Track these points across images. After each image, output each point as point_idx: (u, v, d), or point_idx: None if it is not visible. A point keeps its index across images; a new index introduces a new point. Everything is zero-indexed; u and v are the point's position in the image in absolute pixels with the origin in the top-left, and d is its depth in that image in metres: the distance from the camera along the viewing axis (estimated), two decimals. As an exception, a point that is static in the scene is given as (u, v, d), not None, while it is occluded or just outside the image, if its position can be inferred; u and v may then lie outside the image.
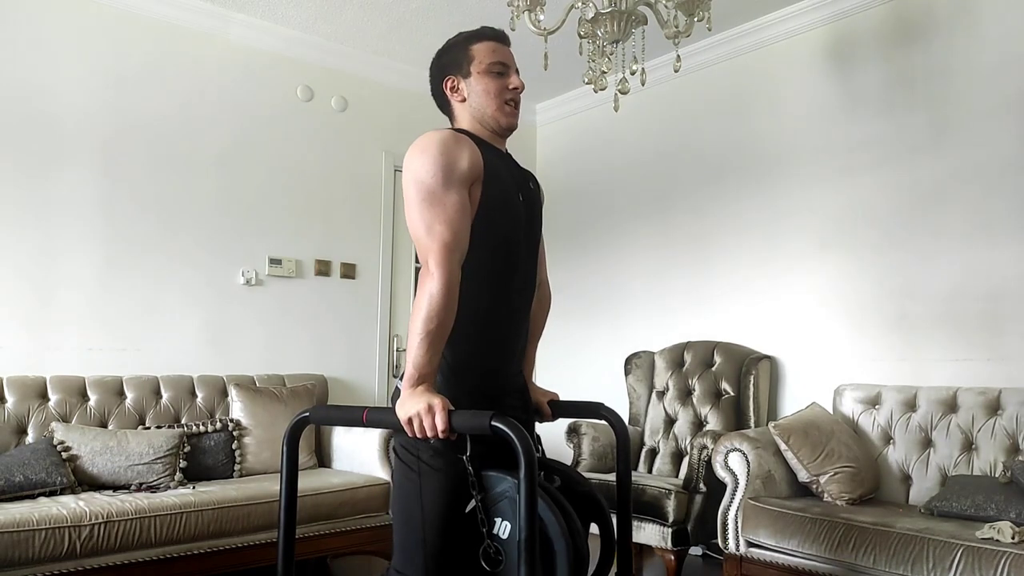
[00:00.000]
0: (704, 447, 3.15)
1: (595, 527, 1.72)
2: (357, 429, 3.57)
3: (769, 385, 3.68)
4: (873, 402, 3.20)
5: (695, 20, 2.78)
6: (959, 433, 2.92)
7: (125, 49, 3.63)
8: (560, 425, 3.65)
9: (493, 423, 1.34)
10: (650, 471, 3.79)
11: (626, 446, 1.85)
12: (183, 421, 3.45)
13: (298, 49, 4.16)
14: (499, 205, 1.66)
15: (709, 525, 3.10)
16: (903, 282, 3.31)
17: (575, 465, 3.71)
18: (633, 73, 2.95)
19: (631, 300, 4.43)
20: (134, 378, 3.45)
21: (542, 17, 2.75)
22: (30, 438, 3.07)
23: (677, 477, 3.58)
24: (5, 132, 3.30)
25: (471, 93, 1.74)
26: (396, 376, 1.38)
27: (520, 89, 1.77)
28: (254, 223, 3.99)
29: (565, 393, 2.24)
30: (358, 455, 3.52)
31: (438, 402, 1.43)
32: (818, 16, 3.67)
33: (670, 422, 3.83)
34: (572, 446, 3.79)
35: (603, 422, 1.91)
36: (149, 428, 3.30)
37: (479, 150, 1.64)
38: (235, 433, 3.44)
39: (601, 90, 2.98)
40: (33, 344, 3.32)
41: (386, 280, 4.45)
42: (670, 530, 3.10)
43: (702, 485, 3.14)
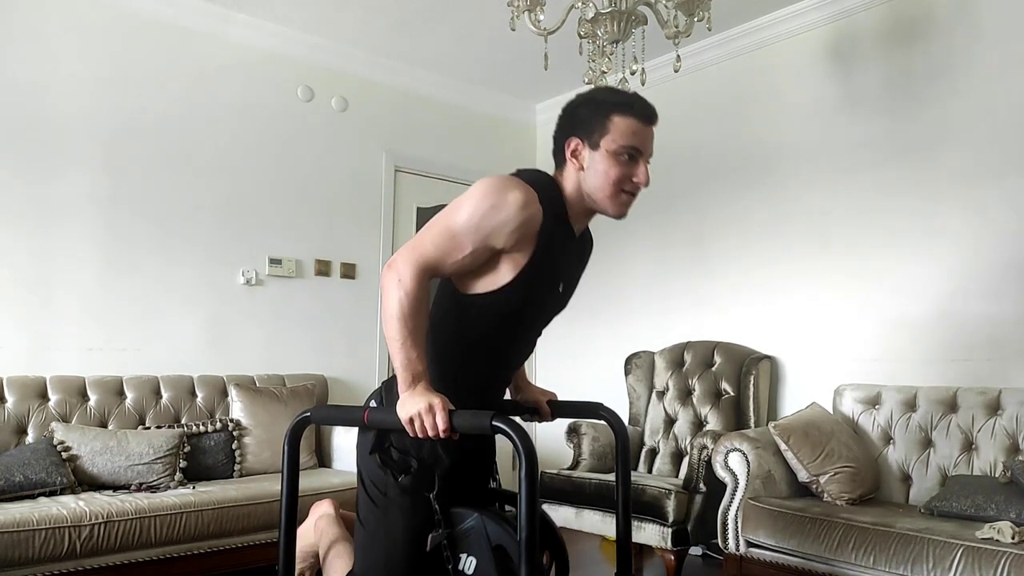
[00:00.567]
0: (704, 447, 3.15)
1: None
2: (357, 429, 3.56)
3: (769, 385, 3.68)
4: (873, 402, 3.20)
5: (695, 20, 2.78)
6: (959, 433, 2.92)
7: (125, 49, 3.63)
8: (560, 425, 3.66)
9: (494, 423, 1.35)
10: (650, 471, 3.79)
11: (626, 446, 1.85)
12: (183, 421, 3.45)
13: (298, 49, 4.16)
14: (535, 285, 1.57)
15: (709, 525, 3.10)
16: (903, 282, 3.31)
17: (575, 465, 3.71)
18: (633, 73, 2.95)
19: (631, 300, 4.43)
20: (134, 378, 3.45)
21: (542, 17, 2.75)
22: (30, 438, 3.07)
23: (677, 477, 3.58)
24: (5, 132, 3.30)
25: (591, 168, 1.57)
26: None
27: (644, 184, 1.60)
28: (254, 223, 3.99)
29: (565, 393, 2.24)
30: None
31: (438, 401, 1.43)
32: (818, 16, 3.67)
33: (670, 422, 3.83)
34: (572, 446, 3.79)
35: (603, 422, 1.91)
36: (149, 428, 3.30)
37: (543, 226, 1.51)
38: (235, 433, 3.44)
39: (601, 90, 2.97)
40: (33, 344, 3.32)
41: (386, 280, 4.44)
42: (670, 530, 3.10)
43: (702, 485, 3.14)
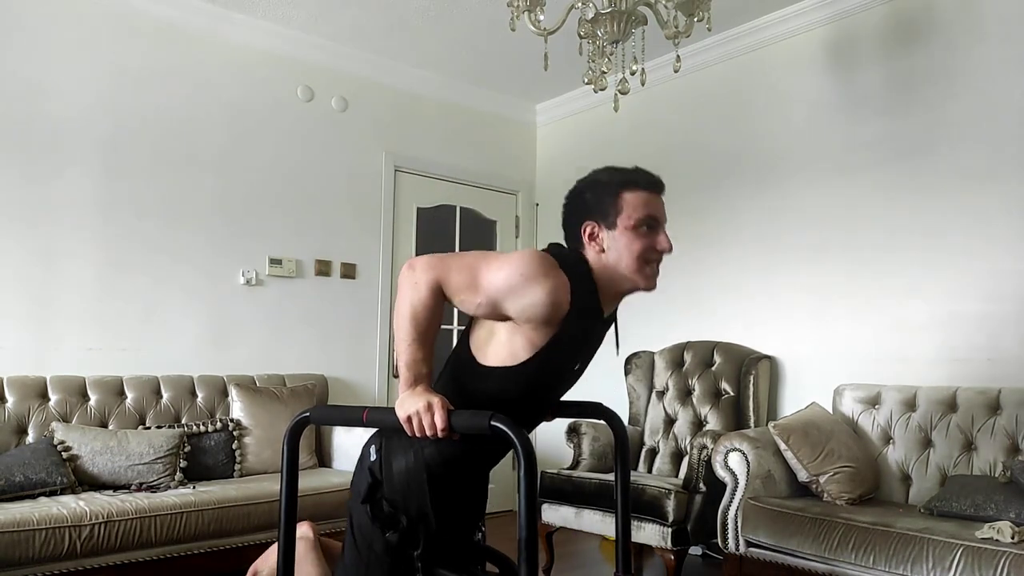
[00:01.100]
0: (704, 447, 3.15)
1: None
2: (357, 429, 3.56)
3: (769, 385, 3.68)
4: (873, 402, 3.20)
5: (695, 20, 2.78)
6: (959, 433, 2.92)
7: (125, 49, 3.63)
8: (560, 425, 3.66)
9: (493, 423, 1.34)
10: (650, 471, 3.79)
11: (625, 446, 1.85)
12: (183, 421, 3.46)
13: (298, 49, 4.16)
14: (558, 358, 1.56)
15: (709, 525, 3.10)
16: (903, 282, 3.31)
17: (575, 465, 3.71)
18: (633, 73, 2.95)
19: (631, 300, 4.41)
20: (134, 378, 3.45)
21: (542, 17, 2.75)
22: (30, 438, 3.07)
23: (677, 477, 3.58)
24: (5, 132, 3.30)
25: (612, 248, 1.56)
26: (395, 376, 1.37)
27: (668, 251, 1.60)
28: (254, 223, 3.99)
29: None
30: (358, 455, 3.52)
31: (437, 401, 1.43)
32: (818, 16, 3.67)
33: (670, 422, 3.83)
34: (572, 446, 3.79)
35: (603, 422, 1.91)
36: (149, 428, 3.30)
37: (571, 316, 1.50)
38: (235, 433, 3.44)
39: (601, 90, 2.98)
40: (33, 344, 3.33)
41: (386, 280, 4.45)
42: (670, 530, 3.10)
43: (702, 485, 3.14)
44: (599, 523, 3.35)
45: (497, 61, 4.44)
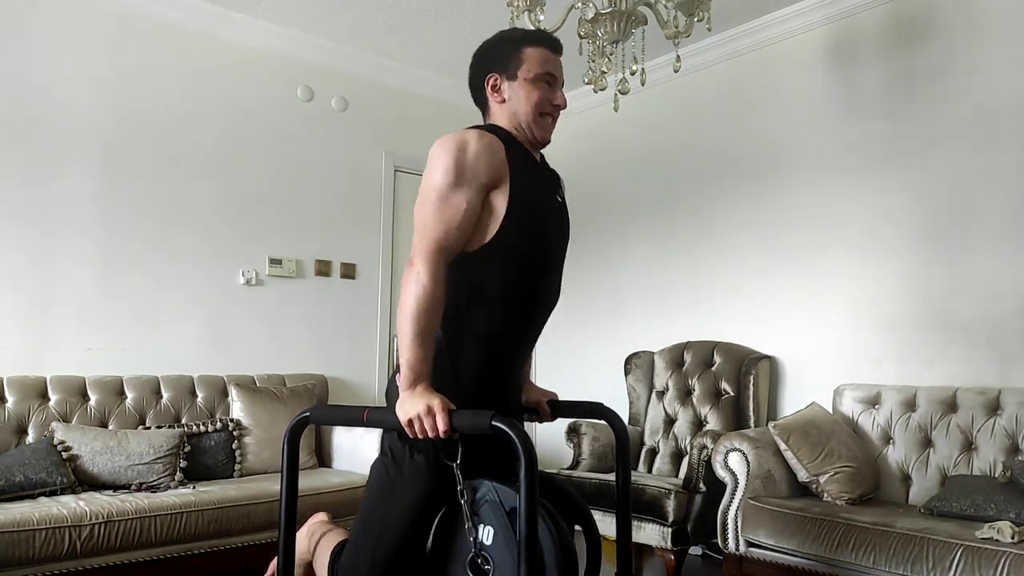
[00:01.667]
0: (704, 447, 3.16)
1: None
2: (357, 429, 3.57)
3: (769, 385, 3.68)
4: (873, 402, 3.20)
5: (695, 20, 2.78)
6: (959, 433, 2.92)
7: (125, 49, 3.63)
8: (560, 425, 3.66)
9: (494, 423, 1.34)
10: (650, 471, 3.79)
11: (625, 446, 1.85)
12: (183, 421, 3.46)
13: (298, 49, 4.16)
14: (527, 212, 1.60)
15: (709, 525, 3.10)
16: (903, 282, 3.31)
17: (575, 465, 3.71)
18: (633, 73, 2.95)
19: (631, 300, 4.43)
20: (134, 378, 3.45)
21: (542, 17, 2.76)
22: (30, 438, 3.07)
23: (677, 477, 3.58)
24: (6, 132, 3.30)
25: (512, 97, 1.69)
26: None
27: (563, 107, 1.73)
28: (254, 223, 3.99)
29: (565, 393, 2.24)
30: (358, 455, 3.53)
31: (438, 402, 1.43)
32: (818, 16, 3.67)
33: (670, 422, 3.83)
34: (572, 446, 3.80)
35: (603, 422, 1.91)
36: (149, 428, 3.30)
37: (507, 151, 1.59)
38: (235, 433, 3.44)
39: (601, 90, 2.98)
40: (33, 344, 3.33)
41: (386, 280, 4.46)
42: (670, 530, 3.10)
43: (702, 485, 3.14)
44: (599, 523, 3.35)
45: (497, 61, 4.43)
